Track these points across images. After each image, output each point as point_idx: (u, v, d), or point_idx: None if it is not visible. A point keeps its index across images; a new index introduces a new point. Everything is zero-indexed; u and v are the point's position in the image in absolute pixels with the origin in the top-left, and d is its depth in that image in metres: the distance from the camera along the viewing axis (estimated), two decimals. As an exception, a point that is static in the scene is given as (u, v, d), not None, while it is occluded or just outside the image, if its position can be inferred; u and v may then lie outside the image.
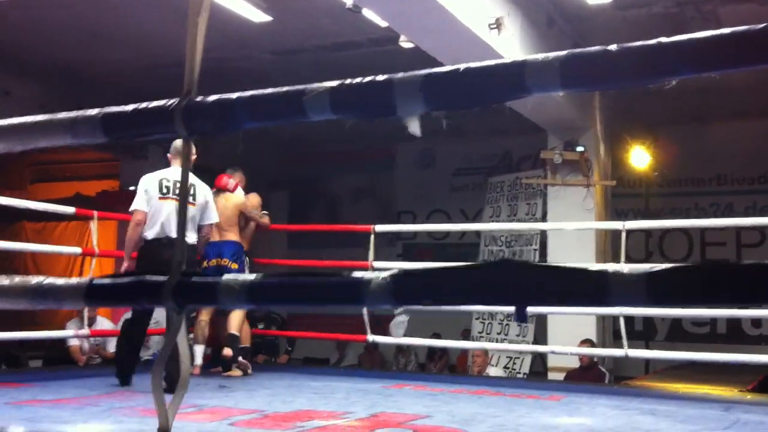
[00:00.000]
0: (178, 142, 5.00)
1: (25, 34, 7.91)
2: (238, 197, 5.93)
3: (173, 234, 4.65)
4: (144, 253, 4.80)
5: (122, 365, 4.91)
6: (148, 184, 4.89)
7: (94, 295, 1.49)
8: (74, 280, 1.53)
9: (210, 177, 6.12)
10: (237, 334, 5.63)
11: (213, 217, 5.03)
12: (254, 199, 6.18)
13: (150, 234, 4.78)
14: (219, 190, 5.86)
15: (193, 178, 4.85)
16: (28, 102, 8.74)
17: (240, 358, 5.66)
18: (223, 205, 5.77)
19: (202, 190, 4.98)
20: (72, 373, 5.77)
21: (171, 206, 4.75)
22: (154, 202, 4.80)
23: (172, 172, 4.94)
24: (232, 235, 5.75)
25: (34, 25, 7.65)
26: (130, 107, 1.41)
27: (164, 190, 4.83)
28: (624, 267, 1.26)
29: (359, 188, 12.92)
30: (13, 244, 7.07)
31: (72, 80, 9.15)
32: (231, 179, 5.87)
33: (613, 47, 1.05)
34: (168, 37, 7.66)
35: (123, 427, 3.33)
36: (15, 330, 6.24)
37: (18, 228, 12.92)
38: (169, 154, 5.09)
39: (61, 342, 6.94)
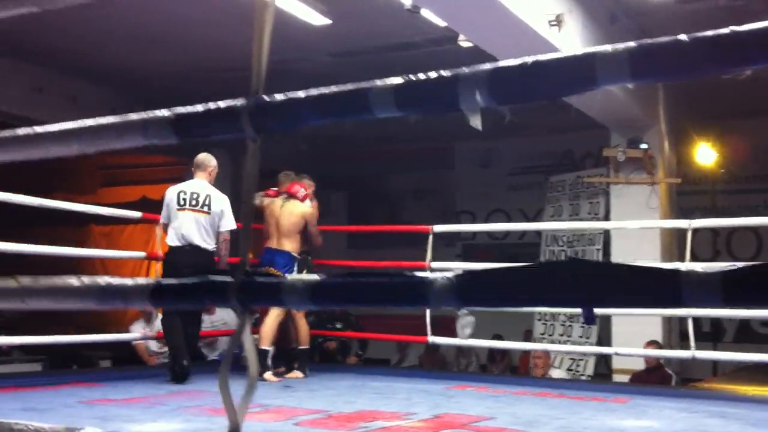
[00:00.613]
0: (199, 157, 5.54)
1: (92, 41, 8.13)
2: (305, 207, 5.97)
3: (194, 241, 5.20)
4: (169, 258, 5.35)
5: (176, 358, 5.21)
6: (169, 196, 5.40)
7: (160, 295, 1.51)
8: (141, 280, 1.56)
9: (271, 179, 6.22)
10: (267, 348, 5.61)
11: (230, 225, 5.33)
12: (316, 211, 6.18)
13: (171, 242, 5.27)
14: (289, 195, 5.95)
15: (209, 189, 5.40)
16: (94, 108, 9.00)
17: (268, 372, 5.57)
18: (289, 211, 5.87)
19: (218, 199, 5.37)
20: (140, 373, 5.91)
21: (188, 216, 5.25)
22: (173, 213, 5.28)
23: (191, 184, 5.41)
24: (288, 245, 5.79)
25: (100, 32, 7.85)
26: (199, 107, 1.44)
27: (181, 202, 5.28)
28: (697, 266, 1.23)
29: (419, 187, 12.91)
30: (80, 250, 7.28)
31: (138, 85, 9.37)
32: (302, 189, 5.95)
33: (683, 37, 1.03)
34: (231, 42, 7.77)
35: (191, 426, 3.39)
36: (85, 331, 6.43)
37: (87, 231, 13.31)
38: (193, 168, 5.52)
39: (128, 342, 7.11)
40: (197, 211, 5.29)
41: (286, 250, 5.76)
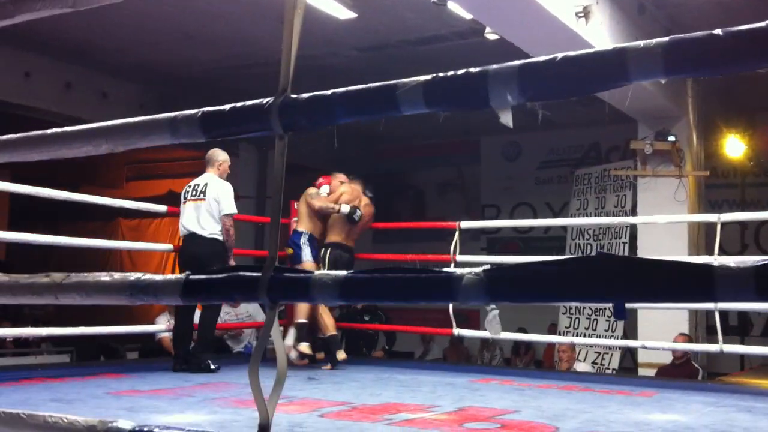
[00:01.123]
0: (208, 152, 5.84)
1: (122, 37, 8.20)
2: (307, 190, 6.33)
3: (191, 228, 5.47)
4: (180, 247, 5.71)
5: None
6: (183, 190, 5.71)
7: (191, 290, 1.53)
8: (171, 276, 1.57)
9: (304, 176, 6.40)
10: (304, 321, 5.98)
11: (226, 209, 5.50)
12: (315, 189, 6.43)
13: (181, 232, 5.60)
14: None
15: (210, 178, 5.63)
16: (125, 103, 9.08)
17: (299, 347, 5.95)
18: (302, 199, 6.32)
19: (214, 186, 5.56)
20: (167, 365, 5.96)
21: (189, 207, 5.52)
22: (181, 207, 5.63)
23: (199, 178, 5.66)
24: (300, 225, 6.24)
25: (129, 28, 7.91)
26: (227, 106, 1.44)
27: (186, 195, 5.60)
28: (729, 260, 1.22)
29: (445, 181, 12.88)
30: (108, 242, 7.35)
31: (168, 81, 9.44)
32: (322, 179, 6.37)
33: (718, 31, 1.01)
34: (260, 37, 7.82)
35: (218, 418, 3.42)
36: (112, 324, 6.50)
37: (114, 225, 13.45)
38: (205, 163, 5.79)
39: (154, 334, 7.18)
40: (195, 200, 5.52)
41: (296, 229, 6.24)
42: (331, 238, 6.21)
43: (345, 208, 6.16)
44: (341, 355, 5.91)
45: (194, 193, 5.56)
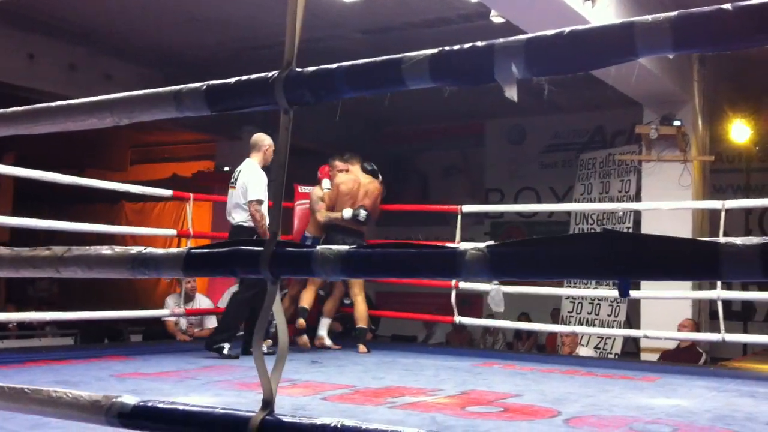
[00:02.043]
0: (252, 137, 5.81)
1: (126, 19, 8.17)
2: (311, 194, 6.48)
3: (228, 216, 5.58)
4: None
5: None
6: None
7: (193, 264, 1.52)
8: (173, 250, 1.57)
9: (306, 158, 6.38)
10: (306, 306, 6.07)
11: (253, 195, 5.46)
12: (317, 191, 6.45)
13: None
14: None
15: (246, 165, 5.61)
16: (129, 85, 9.06)
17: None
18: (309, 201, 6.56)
19: (246, 172, 5.55)
20: (171, 348, 5.99)
21: (229, 194, 5.60)
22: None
23: (240, 165, 5.65)
24: (308, 227, 6.40)
25: (134, 10, 7.89)
26: (232, 80, 1.44)
27: (231, 182, 5.63)
28: (735, 239, 1.21)
29: (449, 165, 12.85)
30: (111, 227, 7.36)
31: (172, 63, 9.41)
32: (320, 172, 6.40)
33: (728, 6, 1.00)
34: (265, 19, 7.78)
35: (222, 400, 3.43)
36: (117, 307, 6.52)
37: (118, 208, 13.48)
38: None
39: (159, 318, 7.19)
40: (231, 187, 5.59)
41: (307, 233, 6.34)
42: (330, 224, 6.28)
43: (347, 213, 6.13)
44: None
45: (232, 181, 5.62)
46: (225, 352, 5.25)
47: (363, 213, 6.16)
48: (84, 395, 1.54)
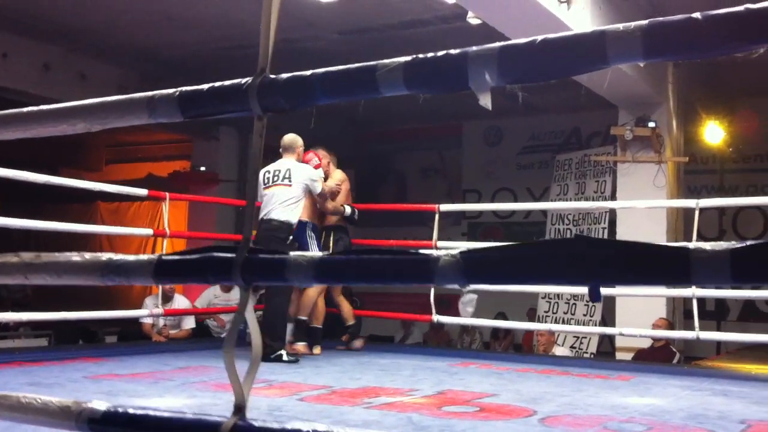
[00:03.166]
0: (286, 139, 5.76)
1: (102, 19, 8.10)
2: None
3: (270, 214, 5.47)
4: (257, 231, 5.54)
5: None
6: (260, 176, 5.56)
7: (164, 271, 1.51)
8: (144, 256, 1.56)
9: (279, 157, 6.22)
10: (304, 318, 5.86)
11: (315, 189, 5.65)
12: (336, 176, 6.26)
13: (258, 217, 5.58)
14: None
15: (292, 164, 5.64)
16: (104, 85, 8.98)
17: (297, 344, 5.76)
18: None
19: (299, 170, 5.61)
20: (146, 349, 5.95)
21: (270, 193, 5.53)
22: (261, 192, 5.59)
23: (277, 164, 5.65)
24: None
25: (110, 9, 7.82)
26: (205, 86, 1.43)
27: (266, 181, 5.57)
28: (705, 244, 1.22)
29: (427, 166, 12.89)
30: (87, 226, 7.29)
31: (149, 63, 9.35)
32: (315, 157, 6.09)
33: (697, 15, 1.01)
34: (242, 19, 7.75)
35: (197, 402, 3.41)
36: (92, 308, 6.46)
37: (94, 208, 13.37)
38: (280, 150, 5.76)
39: (136, 318, 7.14)
40: (277, 186, 5.52)
41: (302, 219, 5.88)
42: (332, 220, 6.19)
43: (348, 210, 6.15)
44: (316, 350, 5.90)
45: (276, 179, 5.55)
46: (285, 358, 5.23)
47: (357, 213, 6.24)
48: (54, 401, 1.53)
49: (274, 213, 5.45)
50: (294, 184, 5.51)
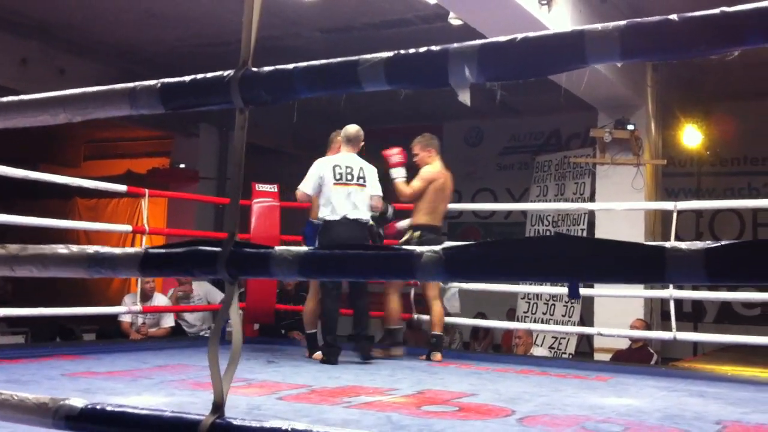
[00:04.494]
0: (351, 131, 5.51)
1: (81, 13, 8.03)
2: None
3: (349, 215, 5.14)
4: (324, 232, 5.19)
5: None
6: (322, 169, 5.26)
7: (150, 264, 1.51)
8: (130, 249, 1.55)
9: (264, 156, 6.18)
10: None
11: (377, 191, 5.42)
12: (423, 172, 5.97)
13: (328, 216, 5.16)
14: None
15: (359, 160, 5.40)
16: (83, 81, 8.89)
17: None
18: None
19: (370, 172, 5.41)
20: (124, 347, 5.91)
21: (343, 191, 5.19)
22: (329, 187, 5.19)
23: (345, 158, 5.34)
24: (312, 214, 5.68)
25: (89, 3, 7.76)
26: (187, 78, 1.44)
27: (337, 177, 5.21)
28: (681, 244, 1.24)
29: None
30: (66, 222, 7.22)
31: (128, 59, 9.29)
32: (396, 155, 5.82)
33: (674, 17, 1.03)
34: (223, 17, 7.72)
35: (175, 400, 3.40)
36: (70, 305, 6.40)
37: (72, 204, 13.25)
38: (340, 138, 5.51)
39: (114, 316, 7.09)
40: (353, 185, 5.25)
41: (314, 220, 5.48)
42: (419, 219, 5.63)
43: (390, 210, 5.81)
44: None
45: (350, 177, 5.26)
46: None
47: (390, 210, 5.82)
48: (31, 397, 1.52)
49: (362, 214, 5.22)
50: (367, 186, 5.30)
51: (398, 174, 5.65)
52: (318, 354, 5.36)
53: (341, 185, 5.20)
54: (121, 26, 8.38)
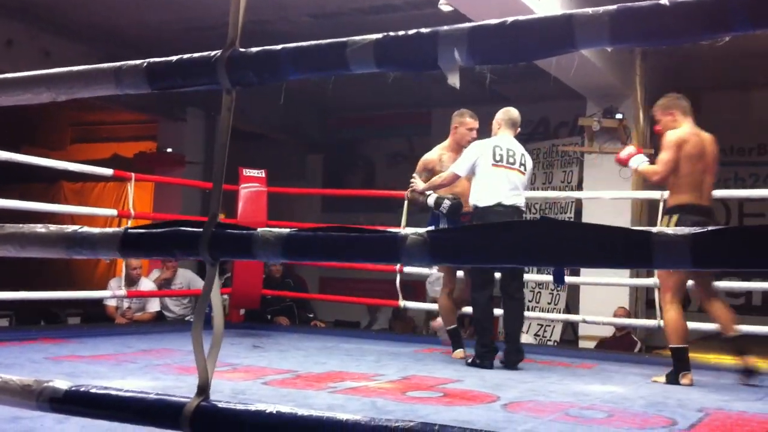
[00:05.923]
0: (513, 114, 5.16)
1: (66, -5, 7.96)
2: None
3: (505, 201, 4.63)
4: (478, 220, 4.73)
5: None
6: (481, 150, 4.83)
7: (130, 244, 1.49)
8: (110, 229, 1.53)
9: (251, 142, 6.12)
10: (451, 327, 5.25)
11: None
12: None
13: (482, 202, 4.69)
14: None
15: (520, 146, 4.93)
16: (68, 62, 8.77)
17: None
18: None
19: (529, 160, 4.95)
20: (109, 331, 5.90)
21: (502, 174, 4.69)
22: (485, 169, 4.71)
23: (505, 141, 4.88)
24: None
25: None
26: (174, 58, 1.42)
27: (497, 158, 4.75)
28: (667, 229, 1.25)
29: (396, 152, 12.89)
30: (50, 206, 7.17)
31: (114, 42, 9.20)
32: (638, 155, 4.90)
33: (665, 2, 1.03)
34: (211, 0, 7.66)
35: (160, 384, 3.39)
36: (54, 288, 6.37)
37: (57, 188, 13.15)
38: (495, 122, 5.13)
39: (99, 300, 7.05)
40: (513, 170, 4.76)
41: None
42: (676, 200, 4.49)
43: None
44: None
45: (512, 161, 4.78)
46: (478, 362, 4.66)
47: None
48: (14, 379, 1.51)
49: (520, 200, 4.74)
50: (526, 173, 4.84)
51: (638, 161, 4.74)
52: (460, 352, 4.97)
53: (501, 167, 4.71)
54: (106, 9, 8.29)
